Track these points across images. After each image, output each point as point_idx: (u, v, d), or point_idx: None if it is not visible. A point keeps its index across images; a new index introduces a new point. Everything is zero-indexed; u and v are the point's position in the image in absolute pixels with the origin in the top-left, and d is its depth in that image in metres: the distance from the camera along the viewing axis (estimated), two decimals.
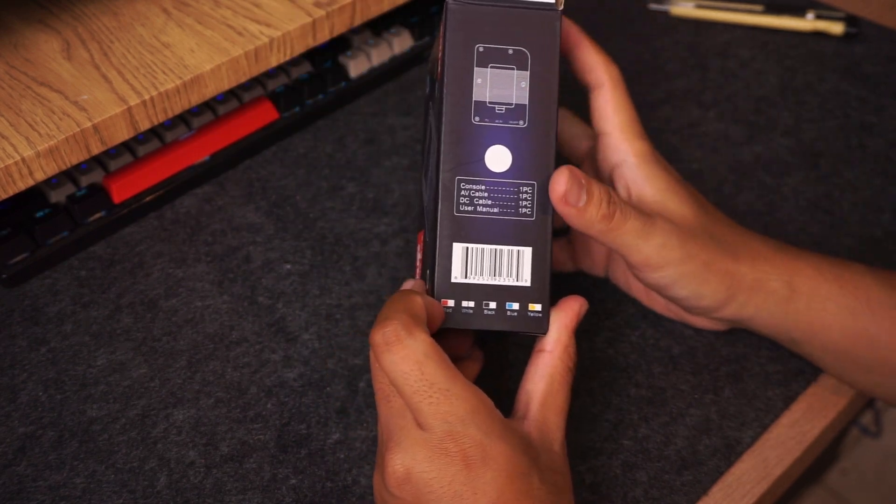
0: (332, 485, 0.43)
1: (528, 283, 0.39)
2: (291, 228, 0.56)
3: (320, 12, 0.54)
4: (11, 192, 0.47)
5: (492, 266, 0.39)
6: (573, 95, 0.49)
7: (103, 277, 0.53)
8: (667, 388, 0.47)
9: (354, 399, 0.47)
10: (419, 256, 0.45)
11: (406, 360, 0.34)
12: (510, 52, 0.38)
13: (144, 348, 0.49)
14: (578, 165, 0.49)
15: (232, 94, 0.60)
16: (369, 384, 0.47)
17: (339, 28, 0.56)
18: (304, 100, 0.62)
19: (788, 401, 0.47)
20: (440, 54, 0.39)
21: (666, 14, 0.72)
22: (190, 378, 0.48)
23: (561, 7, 0.39)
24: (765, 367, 0.48)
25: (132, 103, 0.49)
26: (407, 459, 0.34)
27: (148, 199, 0.56)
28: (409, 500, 0.35)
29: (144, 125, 0.50)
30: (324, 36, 0.56)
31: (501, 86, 0.38)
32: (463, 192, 0.38)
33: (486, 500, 0.34)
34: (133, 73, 0.51)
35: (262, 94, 0.62)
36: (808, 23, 0.70)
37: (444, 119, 0.38)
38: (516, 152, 0.39)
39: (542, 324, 0.39)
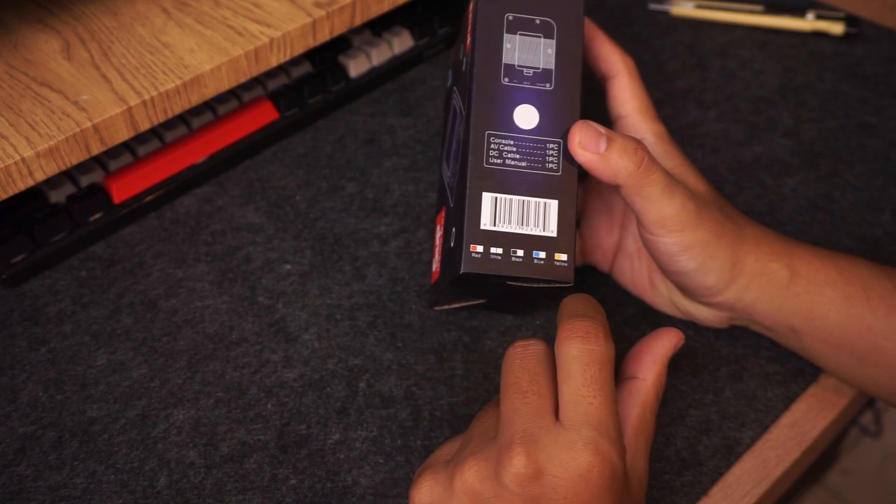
0: (332, 485, 0.43)
1: (555, 234, 0.40)
2: (291, 228, 0.56)
3: (320, 12, 0.54)
4: (11, 192, 0.46)
5: (519, 216, 0.40)
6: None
7: (103, 277, 0.53)
8: (667, 388, 0.47)
9: (354, 399, 0.47)
10: (439, 234, 0.46)
11: (594, 356, 0.35)
12: (537, 21, 0.41)
13: (144, 348, 0.49)
14: None
15: (232, 94, 0.60)
16: (369, 384, 0.47)
17: (339, 28, 0.56)
18: (304, 100, 0.62)
19: (788, 401, 0.47)
20: (469, 25, 0.42)
21: (666, 14, 0.72)
22: (190, 378, 0.48)
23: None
24: (765, 367, 0.48)
25: (132, 103, 0.49)
26: (544, 458, 0.33)
27: (148, 199, 0.56)
28: (526, 499, 0.33)
29: (144, 125, 0.50)
30: (324, 36, 0.56)
31: (529, 51, 0.41)
32: (492, 146, 0.40)
33: None
34: (133, 73, 0.51)
35: (262, 94, 0.62)
36: (808, 23, 0.70)
37: (474, 81, 0.40)
38: (543, 112, 0.41)
39: (567, 273, 0.40)
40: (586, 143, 0.40)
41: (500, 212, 0.39)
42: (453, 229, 0.41)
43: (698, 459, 0.44)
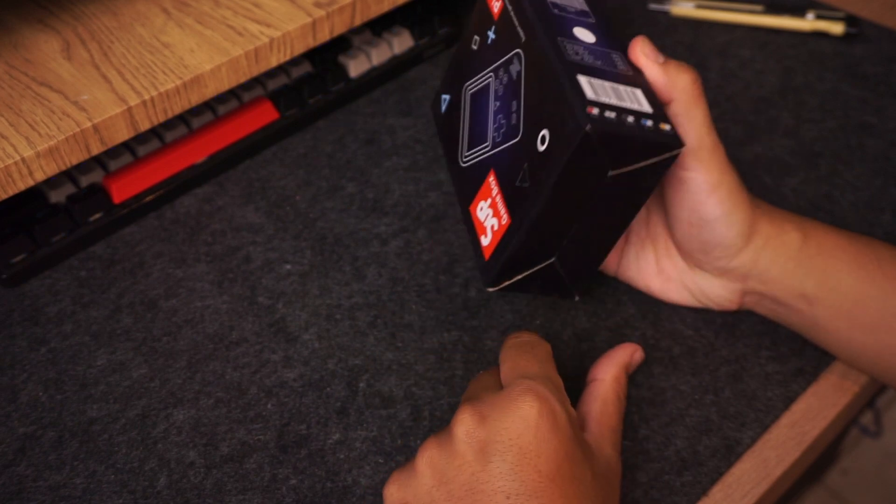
0: (332, 485, 0.43)
1: (651, 110, 0.40)
2: (291, 228, 0.56)
3: (320, 12, 0.54)
4: (11, 192, 0.47)
5: (616, 95, 0.40)
6: None
7: (103, 277, 0.53)
8: (667, 388, 0.47)
9: (354, 399, 0.47)
10: (485, 209, 0.46)
11: (523, 340, 0.42)
12: None
13: (144, 348, 0.49)
14: None
15: (232, 94, 0.60)
16: (369, 384, 0.47)
17: (339, 28, 0.56)
18: (304, 100, 0.62)
19: (788, 401, 0.47)
20: None
21: (666, 14, 0.72)
22: (190, 378, 0.48)
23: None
24: (765, 367, 0.48)
25: (132, 103, 0.49)
26: (485, 408, 0.37)
27: (148, 199, 0.56)
28: (475, 448, 0.36)
29: (144, 125, 0.50)
30: (324, 36, 0.56)
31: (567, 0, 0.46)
32: (567, 47, 0.42)
33: (546, 467, 0.35)
34: (133, 73, 0.51)
35: (262, 94, 0.62)
36: (808, 23, 0.70)
37: (529, 15, 0.44)
38: (597, 33, 0.44)
39: (677, 139, 0.40)
40: (648, 52, 0.42)
41: (597, 89, 0.40)
42: (530, 155, 0.41)
43: (698, 459, 0.44)
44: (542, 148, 0.40)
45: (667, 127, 0.40)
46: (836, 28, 0.69)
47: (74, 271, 0.53)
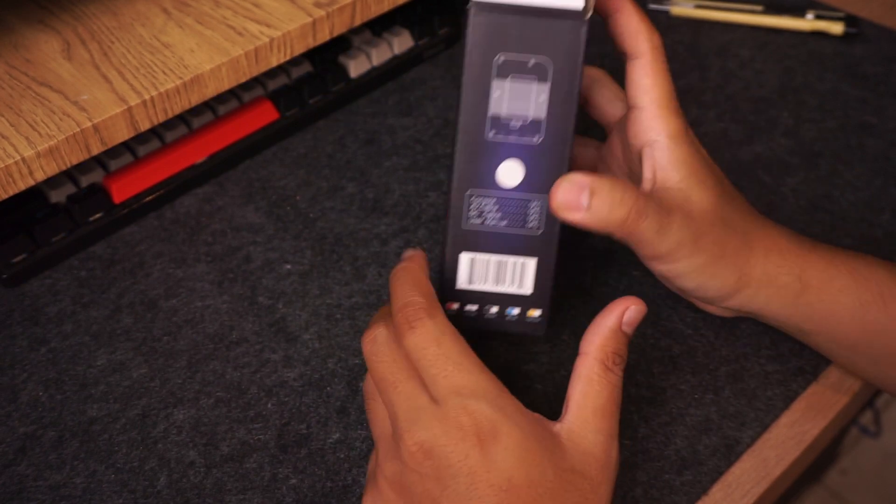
0: (332, 485, 0.43)
1: (530, 292, 0.41)
2: (291, 228, 0.56)
3: (320, 12, 0.54)
4: (11, 192, 0.47)
5: (496, 275, 0.40)
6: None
7: (103, 277, 0.53)
8: (667, 387, 0.47)
9: (354, 399, 0.47)
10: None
11: (426, 337, 0.36)
12: (531, 63, 0.37)
13: (144, 348, 0.49)
14: (608, 131, 0.49)
15: (232, 94, 0.60)
16: None
17: (339, 28, 0.56)
18: (304, 100, 0.62)
19: (788, 400, 0.47)
20: (462, 59, 0.38)
21: (666, 14, 0.72)
22: (190, 378, 0.48)
23: (588, 15, 0.37)
24: (765, 366, 0.48)
25: (132, 103, 0.49)
26: (426, 434, 0.35)
27: (148, 199, 0.56)
28: (430, 476, 0.35)
29: (144, 125, 0.50)
30: (324, 36, 0.56)
31: (519, 99, 0.38)
32: (473, 206, 0.39)
33: (498, 480, 0.34)
34: (133, 73, 0.51)
35: (262, 94, 0.62)
36: (807, 23, 0.70)
37: (458, 135, 0.38)
38: (529, 167, 0.39)
39: (539, 327, 0.41)
40: (568, 203, 0.38)
41: (476, 271, 0.40)
42: (435, 271, 0.42)
43: (698, 459, 0.44)
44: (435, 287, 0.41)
45: (535, 313, 0.41)
46: (836, 28, 0.69)
47: (74, 271, 0.53)
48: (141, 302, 0.52)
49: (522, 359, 0.48)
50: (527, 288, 0.41)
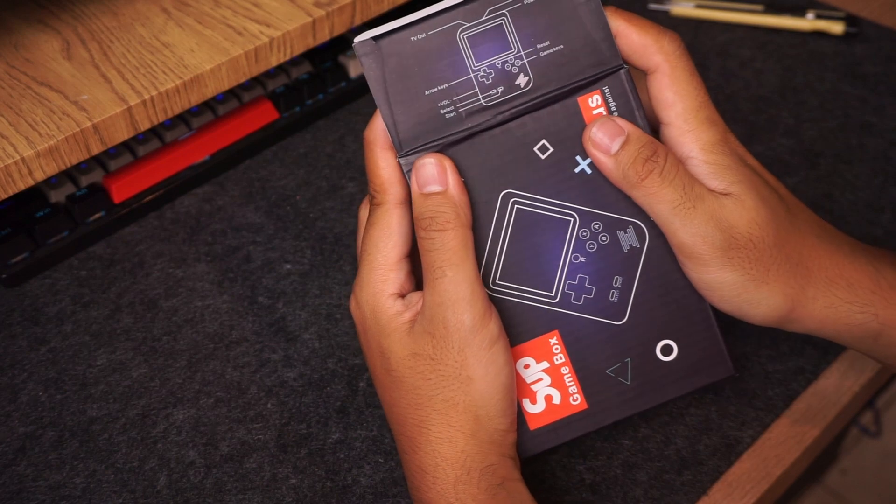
0: (332, 485, 0.43)
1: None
2: (291, 228, 0.56)
3: (320, 12, 0.54)
4: (11, 191, 0.47)
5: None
6: None
7: (103, 277, 0.53)
8: None
9: (354, 399, 0.47)
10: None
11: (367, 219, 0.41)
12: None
13: (144, 348, 0.49)
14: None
15: (232, 94, 0.60)
16: (369, 384, 0.47)
17: (339, 28, 0.56)
18: (304, 100, 0.62)
19: (788, 400, 0.47)
20: None
21: (666, 14, 0.72)
22: (190, 378, 0.48)
23: (398, 155, 0.39)
24: (765, 366, 0.48)
25: (132, 103, 0.49)
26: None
27: (148, 199, 0.56)
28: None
29: (144, 125, 0.50)
30: (324, 36, 0.56)
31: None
32: None
33: (378, 373, 0.39)
34: (133, 72, 0.51)
35: (262, 94, 0.62)
36: (808, 22, 0.70)
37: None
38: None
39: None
40: (600, 142, 0.37)
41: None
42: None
43: (698, 458, 0.44)
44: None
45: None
46: (836, 28, 0.69)
47: (74, 271, 0.53)
48: (141, 302, 0.52)
49: None
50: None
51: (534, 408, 0.40)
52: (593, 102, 0.38)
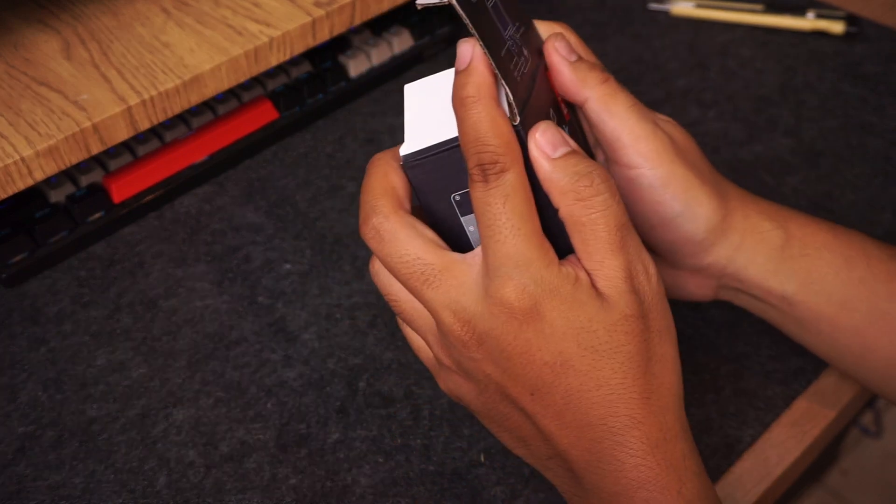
0: (332, 484, 0.43)
1: None
2: (291, 228, 0.56)
3: (320, 12, 0.54)
4: (11, 191, 0.47)
5: None
6: None
7: (103, 277, 0.53)
8: None
9: (354, 399, 0.47)
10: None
11: (496, 193, 0.32)
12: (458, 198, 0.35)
13: (144, 348, 0.49)
14: None
15: (232, 93, 0.60)
16: (369, 384, 0.47)
17: (339, 28, 0.56)
18: (304, 100, 0.62)
19: (789, 400, 0.47)
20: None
21: (666, 14, 0.72)
22: (190, 378, 0.48)
23: (517, 120, 0.33)
24: (765, 366, 0.48)
25: (132, 103, 0.49)
26: (474, 321, 0.33)
27: (148, 199, 0.56)
28: (487, 360, 0.33)
29: (144, 125, 0.50)
30: (324, 36, 0.56)
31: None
32: None
33: (550, 356, 0.32)
34: (133, 72, 0.51)
35: (262, 94, 0.62)
36: (808, 22, 0.69)
37: None
38: None
39: None
40: (561, 48, 0.37)
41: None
42: None
43: None
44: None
45: None
46: (837, 27, 0.69)
47: (74, 271, 0.53)
48: (141, 302, 0.52)
49: None
50: None
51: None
52: None
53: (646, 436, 0.33)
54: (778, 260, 0.41)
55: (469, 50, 0.33)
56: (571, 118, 0.40)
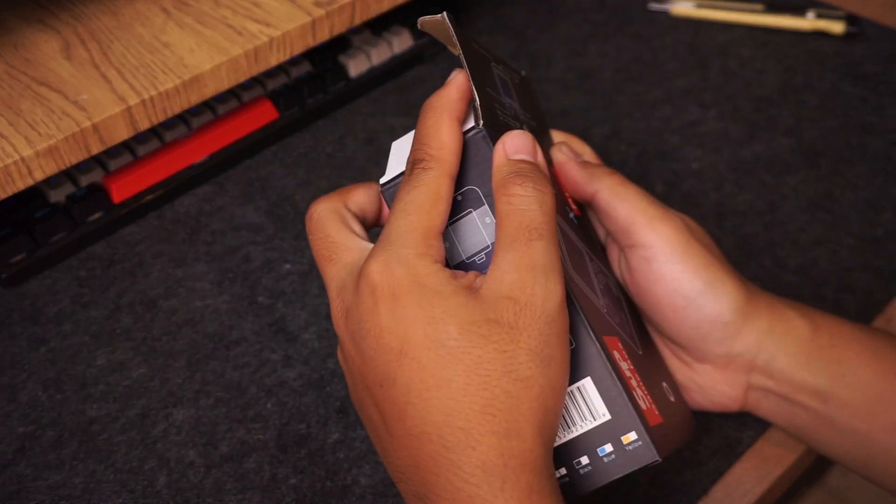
0: (332, 484, 0.43)
1: (608, 417, 0.34)
2: (291, 228, 0.56)
3: (320, 12, 0.54)
4: (11, 191, 0.46)
5: (562, 420, 0.35)
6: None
7: (103, 277, 0.53)
8: None
9: None
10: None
11: (412, 183, 0.34)
12: (458, 198, 0.35)
13: (144, 348, 0.49)
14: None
15: (232, 93, 0.60)
16: None
17: (339, 28, 0.56)
18: (304, 100, 0.62)
19: None
20: None
21: (666, 14, 0.72)
22: (190, 378, 0.48)
23: (481, 123, 0.35)
24: None
25: (132, 103, 0.49)
26: (345, 295, 0.34)
27: (148, 199, 0.56)
28: (350, 339, 0.33)
29: (144, 125, 0.50)
30: (324, 36, 0.56)
31: (470, 234, 0.35)
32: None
33: (395, 340, 0.31)
34: (133, 72, 0.51)
35: (262, 94, 0.62)
36: (808, 22, 0.69)
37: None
38: None
39: (646, 451, 0.34)
40: (567, 150, 0.41)
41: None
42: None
43: (698, 459, 0.44)
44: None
45: (631, 436, 0.34)
46: (837, 27, 0.69)
47: (74, 271, 0.53)
48: (140, 302, 0.52)
49: None
50: (602, 414, 0.34)
51: (645, 404, 0.36)
52: None
53: (481, 460, 0.30)
54: (809, 350, 0.39)
55: (455, 74, 0.36)
56: (582, 214, 0.43)
